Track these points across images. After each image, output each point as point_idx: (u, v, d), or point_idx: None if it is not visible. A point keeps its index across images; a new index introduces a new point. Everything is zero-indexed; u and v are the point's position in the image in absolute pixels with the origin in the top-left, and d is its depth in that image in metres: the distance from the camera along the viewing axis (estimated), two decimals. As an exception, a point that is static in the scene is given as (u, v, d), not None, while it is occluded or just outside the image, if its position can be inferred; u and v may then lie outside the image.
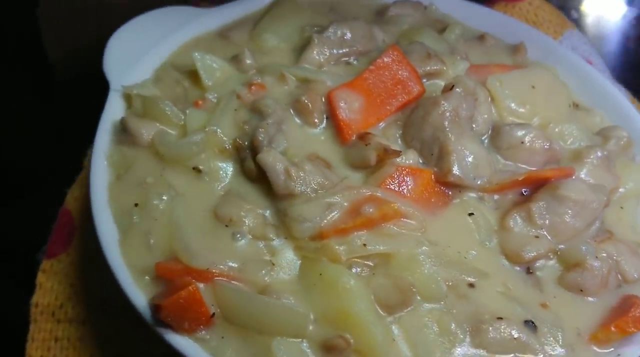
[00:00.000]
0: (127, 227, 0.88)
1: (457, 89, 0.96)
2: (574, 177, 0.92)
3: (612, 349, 0.82)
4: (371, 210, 0.85)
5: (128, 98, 1.02)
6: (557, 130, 1.01)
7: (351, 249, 0.84)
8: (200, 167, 0.93)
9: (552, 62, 1.14)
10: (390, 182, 0.90)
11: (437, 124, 0.94)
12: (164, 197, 0.90)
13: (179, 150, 0.93)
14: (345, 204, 0.87)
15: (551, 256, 0.89)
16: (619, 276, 0.88)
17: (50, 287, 0.99)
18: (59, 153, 1.18)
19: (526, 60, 1.15)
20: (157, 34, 1.12)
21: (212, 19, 1.17)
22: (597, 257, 0.86)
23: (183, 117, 0.97)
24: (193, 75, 1.05)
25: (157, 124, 0.97)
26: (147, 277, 0.84)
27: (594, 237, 0.91)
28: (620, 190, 0.97)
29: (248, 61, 1.06)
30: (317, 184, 0.89)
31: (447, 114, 0.94)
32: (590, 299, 0.87)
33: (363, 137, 0.94)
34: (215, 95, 1.01)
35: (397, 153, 0.91)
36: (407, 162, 0.93)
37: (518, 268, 0.89)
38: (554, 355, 0.81)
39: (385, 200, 0.86)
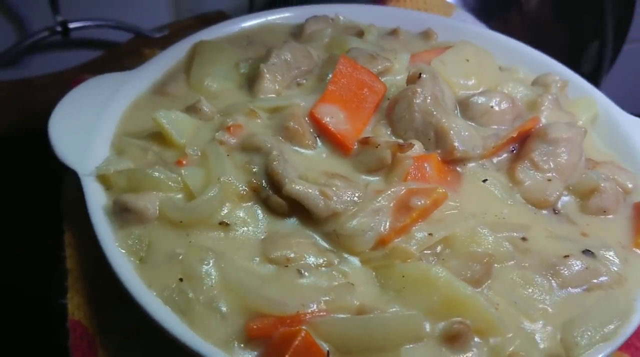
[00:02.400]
0: (185, 306, 0.80)
1: (424, 76, 1.02)
2: (555, 122, 1.01)
3: (652, 246, 0.93)
4: (421, 201, 0.87)
5: (104, 180, 0.92)
6: (505, 90, 1.11)
7: (420, 242, 0.85)
8: (226, 220, 0.87)
9: (460, 38, 1.23)
10: (414, 174, 0.92)
11: (424, 110, 0.99)
12: (206, 262, 0.83)
13: (198, 211, 0.86)
14: (390, 205, 0.87)
15: (566, 193, 0.98)
16: (619, 189, 1.00)
17: (103, 408, 0.86)
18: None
19: (440, 43, 1.24)
20: (93, 107, 1.03)
21: (140, 80, 1.10)
22: (605, 179, 0.97)
23: (180, 179, 0.90)
24: (158, 137, 0.98)
25: (156, 193, 0.89)
26: (236, 344, 0.77)
27: (586, 167, 1.01)
28: (580, 123, 1.09)
29: (206, 108, 1.02)
30: (354, 197, 0.88)
31: (429, 99, 0.99)
32: (611, 216, 0.97)
33: (367, 141, 0.96)
34: (195, 148, 0.95)
35: (411, 145, 0.94)
36: (415, 152, 0.96)
37: (545, 212, 0.96)
38: (617, 270, 0.89)
39: (427, 188, 0.89)
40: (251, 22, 1.24)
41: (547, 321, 0.82)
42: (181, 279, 0.82)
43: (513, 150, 1.02)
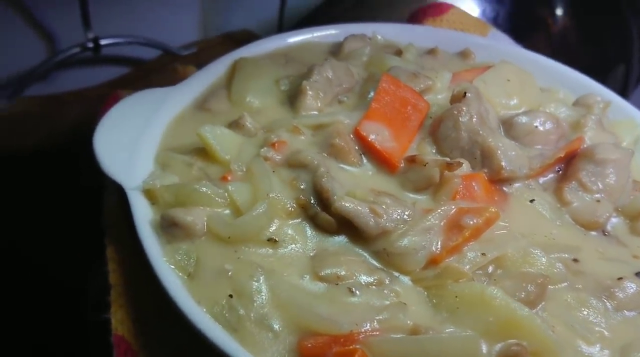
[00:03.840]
0: (236, 322, 0.78)
1: (469, 94, 1.01)
2: (601, 143, 1.00)
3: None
4: (473, 220, 0.86)
5: (149, 194, 0.91)
6: (547, 111, 1.10)
7: (473, 261, 0.84)
8: (274, 237, 0.86)
9: (498, 58, 1.23)
10: (462, 193, 0.91)
11: (470, 128, 0.98)
12: (256, 279, 0.82)
13: (246, 227, 0.85)
14: (441, 224, 0.86)
15: (614, 215, 0.97)
16: (670, 211, 0.99)
17: None
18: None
19: (478, 63, 1.24)
20: (136, 122, 1.02)
21: (182, 96, 1.09)
22: (655, 201, 0.96)
23: (226, 195, 0.89)
24: (202, 152, 0.97)
25: (203, 209, 0.88)
26: (290, 363, 0.75)
27: (634, 189, 1.00)
28: (623, 144, 1.08)
29: (249, 124, 1.01)
30: (403, 215, 0.87)
31: (474, 118, 0.98)
32: (663, 238, 0.96)
33: (414, 159, 0.95)
34: (240, 164, 0.95)
35: (460, 163, 0.93)
36: (462, 171, 0.95)
37: (594, 233, 0.95)
38: (670, 293, 0.87)
39: (479, 207, 0.87)
40: (289, 39, 1.24)
41: (604, 344, 0.80)
42: (231, 296, 0.80)
43: (559, 171, 1.01)
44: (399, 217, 0.87)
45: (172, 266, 0.84)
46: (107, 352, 0.89)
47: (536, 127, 1.04)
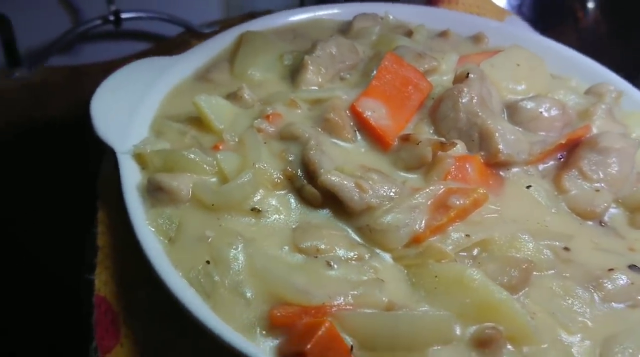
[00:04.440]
0: (210, 288, 0.78)
1: (472, 75, 0.99)
2: (606, 132, 0.97)
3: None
4: (460, 201, 0.84)
5: (140, 159, 0.92)
6: (557, 97, 1.07)
7: (456, 242, 0.82)
8: (258, 207, 0.86)
9: (512, 43, 1.20)
10: (454, 174, 0.89)
11: (470, 110, 0.96)
12: (235, 247, 0.81)
13: (231, 195, 0.85)
14: (427, 203, 0.84)
15: (614, 205, 0.94)
16: (675, 207, 0.95)
17: (121, 386, 0.84)
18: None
19: (490, 47, 1.21)
20: (135, 89, 1.02)
21: (184, 66, 1.10)
22: (657, 193, 0.92)
23: (215, 163, 0.89)
24: (196, 121, 0.97)
25: (190, 175, 0.88)
26: (258, 330, 0.75)
27: (637, 181, 0.97)
28: (633, 135, 1.04)
29: (247, 96, 1.01)
30: (390, 192, 0.86)
31: (475, 99, 0.96)
32: (663, 232, 0.92)
33: (408, 138, 0.93)
34: (233, 134, 0.94)
35: (454, 144, 0.91)
36: (457, 152, 0.92)
37: (590, 223, 0.92)
38: (664, 289, 0.84)
39: (467, 188, 0.85)
40: (299, 16, 1.23)
41: (586, 334, 0.77)
42: (208, 262, 0.80)
43: (560, 158, 0.98)
44: (385, 193, 0.85)
45: (154, 229, 0.84)
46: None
47: (541, 113, 1.01)
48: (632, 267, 0.85)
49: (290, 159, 0.89)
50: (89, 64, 1.68)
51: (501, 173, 0.95)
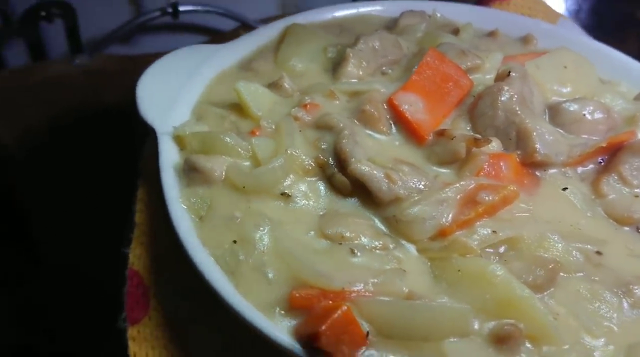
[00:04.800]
0: (234, 267, 0.80)
1: (514, 74, 0.98)
2: (647, 136, 0.94)
3: None
4: (489, 197, 0.83)
5: (179, 140, 0.95)
6: (603, 101, 1.04)
7: (483, 238, 0.81)
8: (288, 191, 0.87)
9: (560, 45, 1.17)
10: (487, 170, 0.88)
11: (508, 108, 0.94)
12: (262, 228, 0.83)
13: (262, 179, 0.87)
14: (457, 197, 0.84)
15: (654, 212, 0.91)
16: None
17: (145, 355, 0.87)
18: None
19: (539, 49, 1.19)
20: (181, 74, 1.06)
21: (230, 54, 1.12)
22: (700, 201, 0.89)
23: (250, 147, 0.91)
24: (236, 107, 1.00)
25: (225, 158, 0.90)
26: (277, 309, 0.76)
27: (681, 189, 0.93)
28: (681, 144, 1.00)
29: (287, 86, 1.02)
30: (419, 185, 0.86)
31: (515, 97, 0.95)
32: None
33: (443, 133, 0.93)
34: (270, 121, 0.96)
35: (488, 140, 0.90)
36: (492, 149, 0.92)
37: (627, 229, 0.89)
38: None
39: (498, 185, 0.84)
40: (347, 11, 1.24)
41: (610, 339, 0.75)
42: (235, 241, 0.82)
43: (601, 163, 0.96)
44: (414, 186, 0.85)
45: (186, 207, 0.86)
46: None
47: (584, 115, 0.98)
48: (666, 275, 0.82)
49: (323, 147, 0.91)
50: (144, 54, 1.74)
51: (537, 173, 0.93)
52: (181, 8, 1.71)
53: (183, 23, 1.77)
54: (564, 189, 0.91)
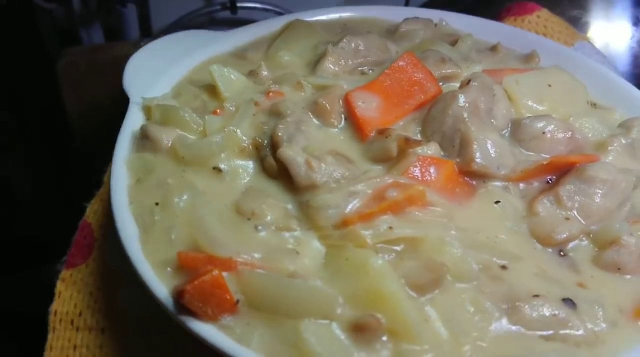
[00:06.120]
0: (148, 225, 0.87)
1: (474, 83, 0.97)
2: (600, 161, 0.90)
3: (659, 323, 0.78)
4: (395, 193, 0.84)
5: (148, 110, 1.03)
6: (577, 124, 1.00)
7: (377, 233, 0.82)
8: (221, 166, 0.93)
9: (566, 66, 1.13)
10: (412, 171, 0.89)
11: (457, 115, 0.94)
12: (185, 196, 0.89)
13: (199, 151, 0.93)
14: (368, 191, 0.85)
15: (584, 238, 0.87)
16: (656, 254, 0.85)
17: (69, 296, 0.97)
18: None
19: (540, 67, 1.16)
20: (175, 55, 1.14)
21: (228, 41, 1.20)
22: (632, 233, 0.83)
23: (202, 123, 0.97)
24: (211, 88, 1.07)
25: (177, 130, 0.97)
26: (168, 269, 0.82)
27: (627, 219, 0.88)
28: (649, 176, 0.94)
29: (264, 73, 1.08)
30: (339, 175, 0.88)
31: (466, 105, 0.94)
32: (628, 276, 0.83)
33: (382, 131, 0.94)
34: (234, 104, 1.02)
35: (419, 142, 0.90)
36: (428, 153, 0.91)
37: (550, 250, 0.86)
38: (597, 331, 0.76)
39: (408, 184, 0.85)
40: (353, 13, 1.28)
41: (473, 350, 0.73)
42: (157, 203, 0.89)
43: (549, 182, 0.92)
44: (335, 176, 0.88)
45: (129, 169, 0.94)
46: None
47: (543, 133, 0.96)
48: (566, 300, 0.78)
49: (265, 130, 0.95)
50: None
51: (474, 183, 0.92)
52: (239, 4, 1.81)
53: (242, 19, 1.87)
54: (497, 202, 0.89)
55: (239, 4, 1.82)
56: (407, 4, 1.75)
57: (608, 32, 1.54)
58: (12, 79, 1.77)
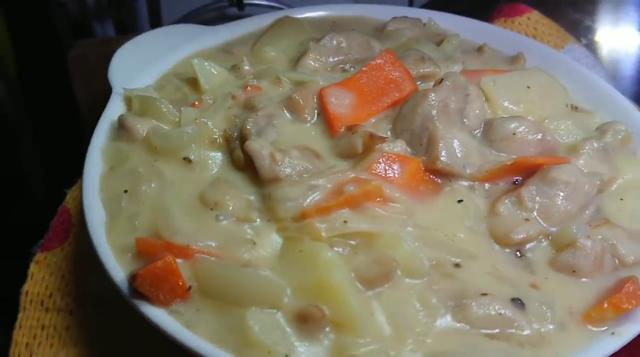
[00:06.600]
0: (115, 212, 0.89)
1: (446, 82, 0.97)
2: (565, 164, 0.89)
3: (607, 327, 0.77)
4: (352, 188, 0.85)
5: (129, 101, 1.06)
6: (552, 126, 1.00)
7: (332, 226, 0.83)
8: (191, 157, 0.95)
9: (551, 69, 1.13)
10: (376, 167, 0.89)
11: (427, 114, 0.94)
12: (153, 185, 0.91)
13: (170, 141, 0.95)
14: (328, 186, 0.86)
15: (542, 239, 0.87)
16: (616, 260, 0.84)
17: (41, 277, 1.00)
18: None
19: (525, 68, 1.15)
20: (162, 48, 1.17)
21: (215, 36, 1.22)
22: (589, 237, 0.83)
23: (178, 115, 0.99)
24: (192, 81, 1.09)
25: (153, 121, 1.00)
26: (129, 254, 0.84)
27: (589, 222, 0.87)
28: (619, 181, 0.94)
29: (246, 68, 1.10)
30: (303, 169, 0.89)
31: (436, 104, 0.94)
32: (584, 280, 0.83)
33: (351, 127, 0.95)
34: (212, 97, 1.04)
35: (383, 139, 0.91)
36: (395, 150, 0.92)
37: (508, 250, 0.86)
38: (543, 332, 0.76)
39: (366, 179, 0.86)
40: (343, 11, 1.29)
41: (416, 345, 0.74)
42: (126, 191, 0.91)
43: (516, 183, 0.92)
44: (296, 169, 0.89)
45: (101, 158, 0.97)
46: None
47: (514, 134, 0.95)
48: (515, 300, 0.78)
49: (236, 122, 0.97)
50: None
51: (440, 182, 0.92)
52: (246, 1, 1.83)
53: (247, 14, 1.89)
54: (459, 201, 0.90)
55: (245, 1, 1.84)
56: (411, 4, 1.75)
57: (614, 37, 1.52)
58: (26, 70, 1.82)
